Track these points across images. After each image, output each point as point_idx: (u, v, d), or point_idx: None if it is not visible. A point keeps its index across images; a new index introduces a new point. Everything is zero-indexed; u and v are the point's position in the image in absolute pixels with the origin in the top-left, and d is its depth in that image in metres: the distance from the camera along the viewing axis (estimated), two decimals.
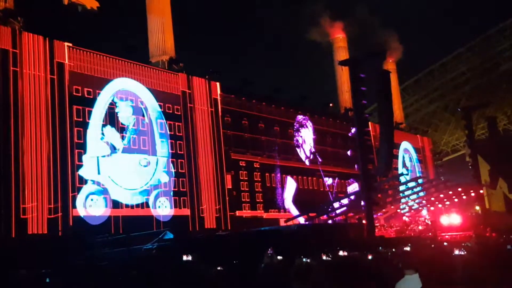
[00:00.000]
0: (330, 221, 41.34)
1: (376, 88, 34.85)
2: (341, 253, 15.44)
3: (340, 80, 57.97)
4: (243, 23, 77.22)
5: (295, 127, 47.91)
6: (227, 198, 38.45)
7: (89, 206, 30.30)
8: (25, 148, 27.73)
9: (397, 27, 64.16)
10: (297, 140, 47.78)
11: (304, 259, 11.07)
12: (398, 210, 50.19)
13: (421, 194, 49.14)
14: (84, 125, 31.21)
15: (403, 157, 62.28)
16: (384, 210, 45.04)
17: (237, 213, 39.16)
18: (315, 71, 71.75)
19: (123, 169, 32.66)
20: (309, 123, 49.36)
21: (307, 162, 48.11)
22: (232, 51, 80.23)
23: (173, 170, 35.87)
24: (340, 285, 7.50)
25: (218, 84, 40.23)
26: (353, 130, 51.85)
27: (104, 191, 31.29)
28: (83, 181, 30.29)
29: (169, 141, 36.15)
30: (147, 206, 33.56)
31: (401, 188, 47.09)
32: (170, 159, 35.93)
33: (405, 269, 7.54)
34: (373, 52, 37.77)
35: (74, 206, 29.35)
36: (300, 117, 48.59)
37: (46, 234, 27.02)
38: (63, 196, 28.83)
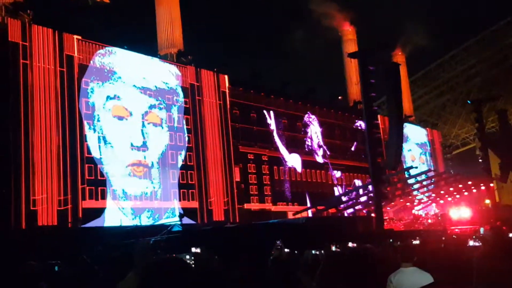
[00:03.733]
0: (339, 214, 41.27)
1: (385, 80, 34.60)
2: (350, 245, 15.38)
3: (348, 73, 57.66)
4: (251, 16, 76.98)
5: (303, 125, 47.72)
6: (235, 191, 38.51)
7: (98, 198, 30.43)
8: (35, 140, 27.91)
9: (407, 18, 63.60)
10: (305, 134, 47.65)
11: (313, 252, 11.05)
12: (408, 204, 50.02)
13: (431, 187, 48.89)
14: (94, 117, 31.33)
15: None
16: (393, 203, 44.89)
17: (245, 205, 39.21)
18: (324, 63, 71.47)
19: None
20: (313, 117, 48.90)
21: (316, 156, 48.02)
22: (240, 44, 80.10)
23: (181, 163, 35.95)
24: (348, 278, 7.47)
25: (226, 77, 40.20)
26: (357, 122, 52.11)
27: (113, 183, 31.42)
28: (92, 173, 30.44)
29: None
30: (156, 198, 33.69)
31: (410, 181, 46.88)
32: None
33: (402, 261, 6.84)
34: (382, 44, 37.43)
35: (83, 198, 29.55)
36: (306, 115, 48.36)
37: (56, 226, 27.23)
38: (72, 188, 29.03)
